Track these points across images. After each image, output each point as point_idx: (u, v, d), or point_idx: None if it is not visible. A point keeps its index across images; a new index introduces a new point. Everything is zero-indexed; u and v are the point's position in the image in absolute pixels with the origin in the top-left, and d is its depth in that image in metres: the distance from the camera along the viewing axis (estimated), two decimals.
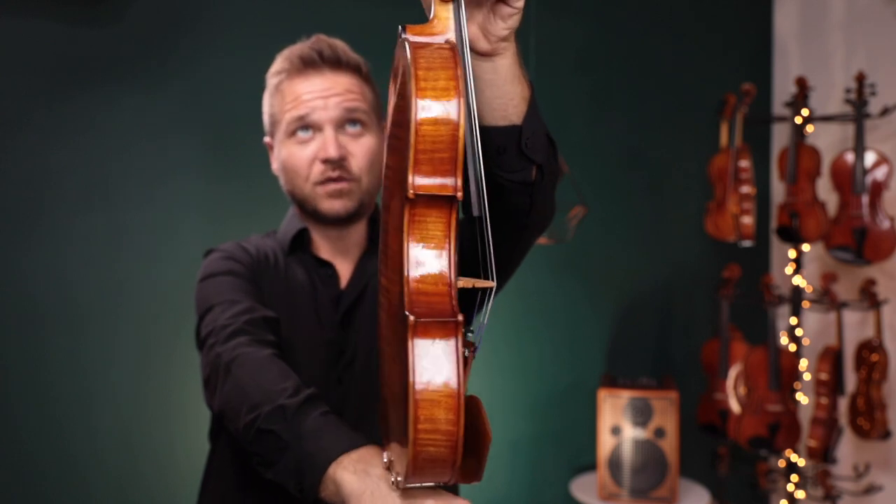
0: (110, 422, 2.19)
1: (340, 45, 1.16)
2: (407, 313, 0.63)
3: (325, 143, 1.11)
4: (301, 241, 1.20)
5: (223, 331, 1.01)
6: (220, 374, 0.96)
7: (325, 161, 1.11)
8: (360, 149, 1.15)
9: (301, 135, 1.12)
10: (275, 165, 1.22)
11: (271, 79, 1.17)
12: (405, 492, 0.73)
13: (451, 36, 0.71)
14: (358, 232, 1.22)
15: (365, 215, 1.21)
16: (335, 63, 1.14)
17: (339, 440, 0.83)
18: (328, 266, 1.20)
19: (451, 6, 0.72)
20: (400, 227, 0.66)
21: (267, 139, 1.23)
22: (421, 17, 0.76)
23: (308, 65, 1.12)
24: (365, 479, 0.77)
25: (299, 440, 0.84)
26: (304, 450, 0.83)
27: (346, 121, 1.14)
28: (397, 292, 0.67)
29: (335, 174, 1.12)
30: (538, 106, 0.87)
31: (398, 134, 0.70)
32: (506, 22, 0.76)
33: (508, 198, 0.85)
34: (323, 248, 1.21)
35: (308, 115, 1.11)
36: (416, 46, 0.68)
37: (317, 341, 1.14)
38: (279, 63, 1.16)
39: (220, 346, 0.99)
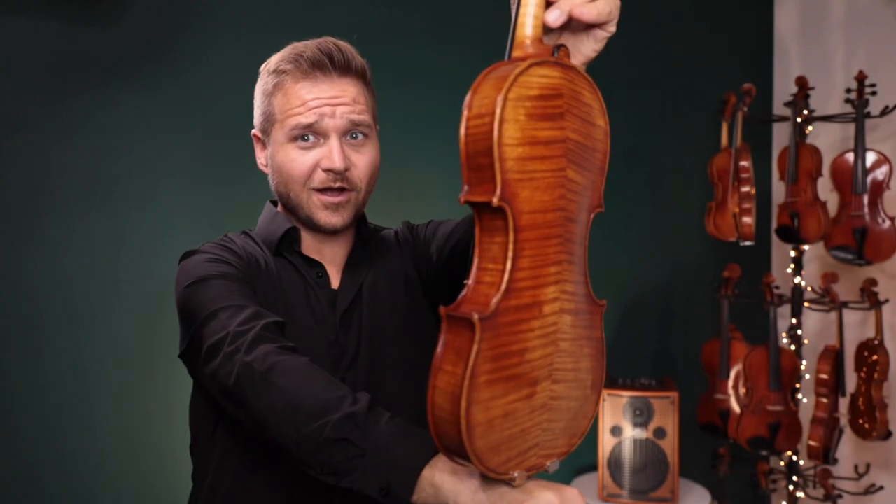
0: (110, 422, 2.19)
1: (348, 48, 1.14)
2: (600, 300, 0.82)
3: (331, 153, 1.10)
4: (289, 241, 1.19)
5: (241, 338, 0.96)
6: (255, 383, 0.92)
7: (329, 170, 1.11)
8: (363, 160, 1.14)
9: (303, 141, 1.11)
10: (262, 161, 1.21)
11: (271, 75, 1.14)
12: (509, 485, 0.74)
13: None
14: (347, 234, 1.22)
15: (356, 222, 1.21)
16: (345, 68, 1.12)
17: (425, 444, 0.82)
18: (318, 266, 1.19)
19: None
20: (586, 235, 0.79)
21: (255, 132, 1.21)
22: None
23: (316, 67, 1.10)
24: (466, 479, 0.77)
25: (378, 446, 0.83)
26: (389, 455, 0.83)
27: (351, 131, 1.14)
28: (582, 293, 0.79)
29: (337, 184, 1.12)
30: None
31: (588, 156, 0.77)
32: (598, 44, 0.80)
33: None
34: (311, 247, 1.20)
35: (316, 123, 1.09)
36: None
37: (317, 343, 1.13)
38: (283, 62, 1.13)
39: (245, 354, 0.94)
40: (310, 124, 1.10)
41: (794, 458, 2.62)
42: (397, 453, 0.82)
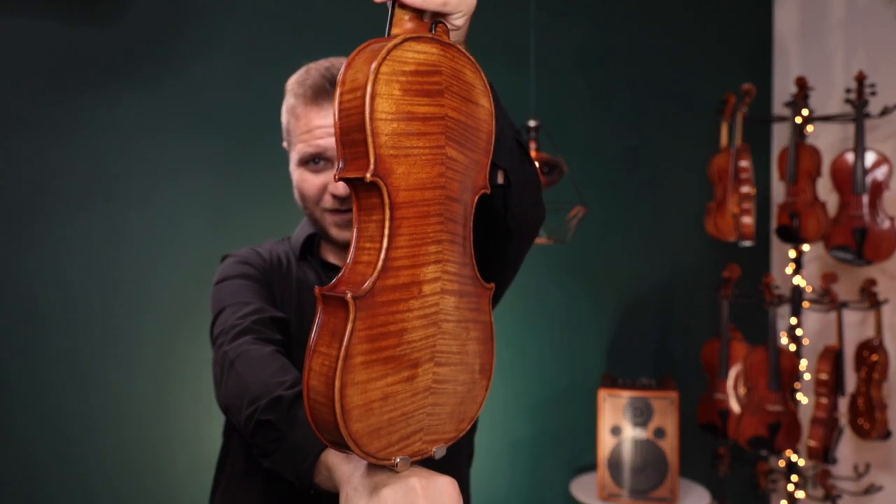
0: (110, 421, 2.20)
1: None
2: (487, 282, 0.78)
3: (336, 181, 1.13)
4: (311, 246, 1.24)
5: (231, 331, 1.04)
6: (224, 370, 0.99)
7: (335, 196, 1.14)
8: None
9: (314, 164, 1.15)
10: (291, 168, 1.24)
11: (287, 95, 1.18)
12: (391, 471, 0.74)
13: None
14: None
15: None
16: None
17: None
18: (337, 270, 1.23)
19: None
20: (470, 216, 0.75)
21: (284, 144, 1.25)
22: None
23: (320, 94, 1.12)
24: (352, 461, 0.78)
25: (293, 429, 0.86)
26: (297, 438, 0.85)
27: None
28: (468, 274, 0.76)
29: (344, 207, 1.15)
30: (505, 112, 0.87)
31: (471, 135, 0.74)
32: (454, 22, 0.75)
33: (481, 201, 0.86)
34: (332, 254, 1.24)
35: (320, 153, 1.13)
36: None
37: None
38: (295, 84, 1.16)
39: (227, 345, 1.02)
40: (314, 154, 1.13)
41: (794, 458, 2.62)
42: (302, 436, 0.84)
